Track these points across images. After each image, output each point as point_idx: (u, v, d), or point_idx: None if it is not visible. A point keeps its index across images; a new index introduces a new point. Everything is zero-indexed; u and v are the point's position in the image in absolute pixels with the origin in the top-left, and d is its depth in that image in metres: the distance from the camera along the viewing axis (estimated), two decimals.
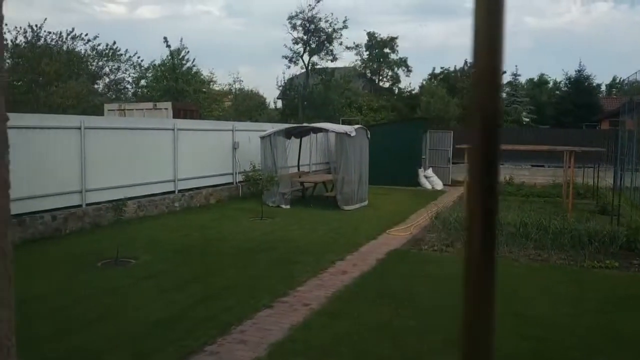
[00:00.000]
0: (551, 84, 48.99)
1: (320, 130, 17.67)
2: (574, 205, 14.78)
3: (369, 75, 44.00)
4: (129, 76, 32.08)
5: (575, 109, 36.80)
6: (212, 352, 5.32)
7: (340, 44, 32.37)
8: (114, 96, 30.61)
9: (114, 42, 30.33)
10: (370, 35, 41.82)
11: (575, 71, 39.50)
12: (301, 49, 32.13)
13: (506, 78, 43.05)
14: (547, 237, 10.38)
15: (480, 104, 0.55)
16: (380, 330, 5.95)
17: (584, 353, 5.44)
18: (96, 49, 29.75)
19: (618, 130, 23.90)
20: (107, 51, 30.13)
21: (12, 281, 0.49)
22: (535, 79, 48.85)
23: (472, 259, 0.56)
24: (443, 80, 38.49)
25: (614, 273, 8.71)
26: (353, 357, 5.23)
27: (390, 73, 44.10)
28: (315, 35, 31.73)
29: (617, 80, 52.25)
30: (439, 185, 21.15)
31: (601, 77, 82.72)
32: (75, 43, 28.73)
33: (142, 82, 32.49)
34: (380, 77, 44.51)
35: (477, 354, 0.58)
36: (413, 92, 41.14)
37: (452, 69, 39.92)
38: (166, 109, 18.48)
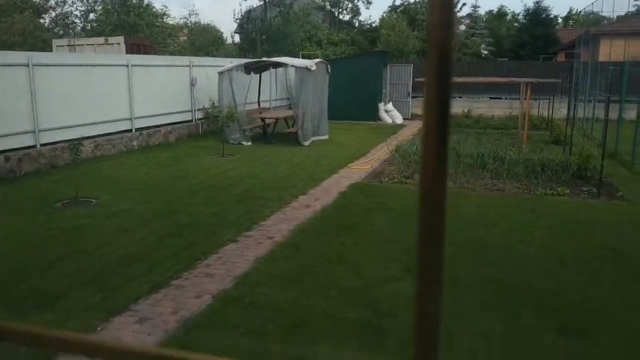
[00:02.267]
0: (510, 16, 48.96)
1: (279, 65, 17.36)
2: (529, 136, 15.18)
3: (328, 7, 42.98)
4: (77, 10, 30.55)
5: (532, 41, 37.05)
6: (179, 286, 5.40)
7: None
8: (61, 32, 29.17)
9: None
10: None
11: (533, 3, 39.47)
12: None
13: (465, 10, 42.72)
14: (503, 168, 10.71)
15: (434, 33, 0.58)
16: (342, 260, 6.14)
17: (536, 277, 5.75)
18: None
19: (573, 62, 24.35)
20: None
21: None
22: (495, 11, 48.70)
23: (426, 179, 0.60)
24: (403, 13, 37.98)
25: (565, 200, 9.11)
26: (316, 287, 5.40)
27: (350, 5, 43.19)
28: None
29: (574, 12, 52.60)
30: (399, 119, 21.29)
31: (558, 9, 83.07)
32: None
33: (91, 15, 30.96)
34: (340, 10, 43.57)
35: (429, 271, 0.62)
36: (373, 25, 40.56)
37: (412, 1, 39.34)
38: (118, 44, 17.78)
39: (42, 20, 28.39)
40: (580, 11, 51.97)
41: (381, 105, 21.50)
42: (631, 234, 7.28)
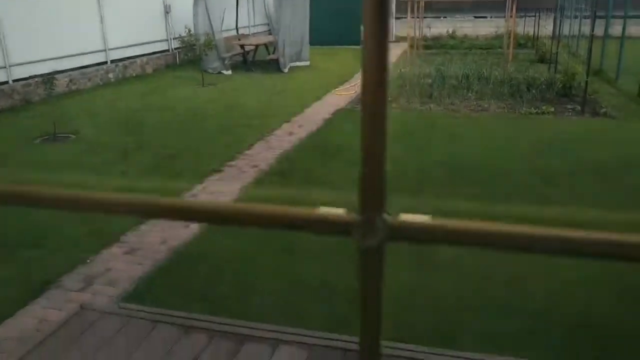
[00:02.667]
0: None
1: None
2: (515, 55, 14.98)
3: None
4: None
5: None
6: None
7: None
8: None
9: None
10: None
11: None
12: None
13: None
14: (488, 88, 10.61)
15: None
16: (328, 182, 6.13)
17: (519, 193, 5.81)
18: None
19: None
20: None
21: None
22: None
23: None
24: None
25: (549, 118, 9.10)
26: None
27: None
28: None
29: None
30: None
31: None
32: None
33: None
34: None
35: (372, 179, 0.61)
36: None
37: None
38: None
39: None
40: None
41: (364, 28, 20.91)
42: (614, 149, 7.33)
